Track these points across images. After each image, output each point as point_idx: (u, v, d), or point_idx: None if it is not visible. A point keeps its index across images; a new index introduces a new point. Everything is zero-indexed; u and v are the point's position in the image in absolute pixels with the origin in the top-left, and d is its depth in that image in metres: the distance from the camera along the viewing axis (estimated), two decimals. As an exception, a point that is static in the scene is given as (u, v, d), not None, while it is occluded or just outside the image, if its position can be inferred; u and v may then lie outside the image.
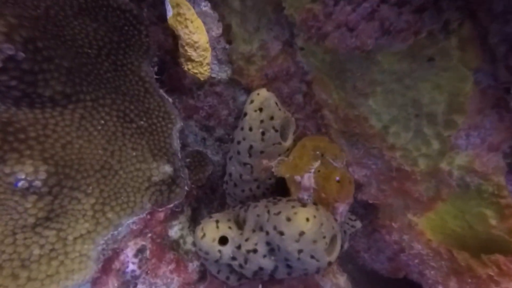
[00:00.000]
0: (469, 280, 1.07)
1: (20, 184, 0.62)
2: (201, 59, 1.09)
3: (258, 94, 0.82)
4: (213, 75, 1.23)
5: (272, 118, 0.83)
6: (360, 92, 1.01)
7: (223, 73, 1.26)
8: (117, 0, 0.88)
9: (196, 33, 1.00)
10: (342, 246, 1.03)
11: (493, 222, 1.04)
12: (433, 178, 1.09)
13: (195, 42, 1.01)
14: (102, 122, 0.77)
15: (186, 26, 0.98)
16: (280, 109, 0.86)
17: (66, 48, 0.73)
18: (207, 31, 1.09)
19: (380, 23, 0.77)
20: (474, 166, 0.97)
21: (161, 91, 0.95)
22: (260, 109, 0.81)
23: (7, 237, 0.63)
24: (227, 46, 1.27)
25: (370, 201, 1.24)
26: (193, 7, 1.15)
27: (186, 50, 1.04)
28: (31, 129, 0.66)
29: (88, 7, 0.83)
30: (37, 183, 0.64)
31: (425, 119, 0.95)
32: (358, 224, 1.05)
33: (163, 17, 1.17)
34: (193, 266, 0.95)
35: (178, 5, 0.97)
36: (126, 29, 0.90)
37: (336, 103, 1.14)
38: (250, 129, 0.83)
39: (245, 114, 0.83)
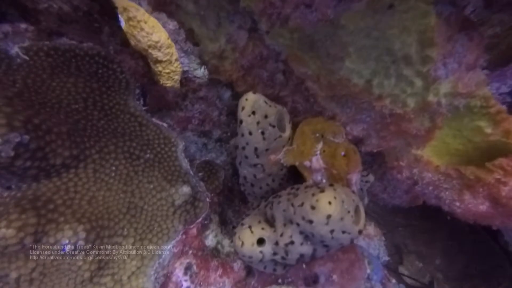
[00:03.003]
0: (481, 189, 1.15)
1: (67, 248, 0.68)
2: (168, 57, 1.06)
3: (246, 99, 0.86)
4: (185, 69, 1.21)
5: (266, 116, 0.87)
6: (335, 57, 1.04)
7: (194, 63, 1.24)
8: (82, 48, 0.89)
9: (154, 33, 0.98)
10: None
11: (488, 130, 1.11)
12: (425, 112, 1.14)
13: (157, 42, 0.98)
14: (114, 168, 0.81)
15: (142, 28, 0.96)
16: (270, 106, 0.90)
17: (56, 112, 0.76)
18: (163, 26, 1.06)
19: (334, -9, 0.79)
20: (458, 89, 1.02)
21: (154, 120, 0.98)
22: (253, 112, 0.85)
23: (72, 295, 0.70)
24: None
25: (375, 150, 1.31)
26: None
27: (151, 53, 1.01)
28: (56, 197, 0.71)
29: (59, 63, 0.84)
30: (80, 242, 0.70)
31: (402, 62, 0.99)
32: (371, 178, 1.12)
33: (126, 42, 1.17)
34: (237, 265, 1.03)
35: (125, 9, 0.93)
36: (101, 72, 0.92)
37: (316, 73, 1.17)
38: (250, 133, 0.87)
39: (241, 122, 0.87)
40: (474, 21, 0.86)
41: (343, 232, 0.74)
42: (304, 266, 0.92)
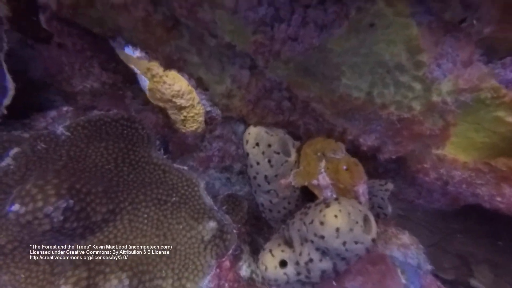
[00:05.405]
0: (517, 179, 1.10)
1: (115, 295, 0.76)
2: (190, 101, 1.19)
3: (249, 133, 0.94)
4: (208, 109, 1.34)
5: (269, 145, 0.94)
6: (331, 77, 1.11)
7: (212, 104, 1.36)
8: (109, 115, 1.04)
9: (175, 83, 1.13)
10: (385, 214, 1.10)
11: (509, 119, 1.09)
12: (433, 112, 1.15)
13: (178, 91, 1.13)
14: (145, 215, 0.91)
15: (164, 82, 1.11)
16: (272, 135, 0.98)
17: (93, 175, 0.88)
18: (182, 75, 1.21)
19: (314, 24, 0.87)
20: (460, 86, 1.03)
21: (175, 165, 1.08)
22: (257, 144, 0.93)
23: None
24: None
25: (393, 157, 1.30)
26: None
27: (175, 102, 1.15)
28: (101, 250, 0.81)
29: (92, 132, 0.99)
30: (126, 288, 0.78)
31: (396, 71, 1.03)
32: (390, 186, 1.11)
33: (146, 100, 1.33)
34: (274, 290, 1.05)
35: (148, 69, 1.10)
36: (126, 132, 1.06)
37: (318, 94, 1.23)
38: (258, 163, 0.94)
39: (248, 154, 0.95)
40: (456, 23, 0.90)
41: (356, 242, 0.76)
42: (334, 283, 0.92)
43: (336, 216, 0.75)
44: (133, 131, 1.07)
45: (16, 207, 0.75)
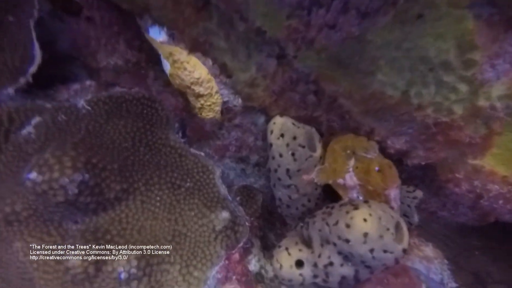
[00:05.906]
0: None
1: (122, 276, 0.75)
2: (209, 90, 1.16)
3: (274, 123, 0.89)
4: (226, 99, 1.30)
5: (295, 138, 0.88)
6: (366, 72, 1.03)
7: (232, 95, 1.31)
8: (130, 93, 1.02)
9: (196, 70, 1.11)
10: (410, 223, 1.02)
11: None
12: (477, 118, 1.05)
13: (198, 78, 1.11)
14: (158, 198, 0.89)
15: (185, 68, 1.09)
16: (298, 127, 0.92)
17: (110, 151, 0.87)
18: (203, 63, 1.18)
19: (356, 10, 0.79)
20: (515, 90, 0.93)
21: (192, 150, 1.05)
22: (282, 135, 0.88)
23: (129, 321, 0.75)
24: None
25: (423, 163, 1.21)
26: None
27: (193, 89, 1.13)
28: (112, 228, 0.80)
29: (112, 109, 0.98)
30: (133, 270, 0.76)
31: (441, 69, 0.93)
32: (419, 194, 1.03)
33: (167, 82, 1.31)
34: (282, 290, 1.01)
35: (171, 54, 1.08)
36: (145, 112, 1.04)
37: (347, 89, 1.15)
38: (281, 156, 0.89)
39: (271, 145, 0.90)
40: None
41: (385, 251, 0.69)
42: (352, 291, 0.86)
43: (365, 220, 0.69)
44: (153, 111, 1.05)
45: (33, 175, 0.74)
